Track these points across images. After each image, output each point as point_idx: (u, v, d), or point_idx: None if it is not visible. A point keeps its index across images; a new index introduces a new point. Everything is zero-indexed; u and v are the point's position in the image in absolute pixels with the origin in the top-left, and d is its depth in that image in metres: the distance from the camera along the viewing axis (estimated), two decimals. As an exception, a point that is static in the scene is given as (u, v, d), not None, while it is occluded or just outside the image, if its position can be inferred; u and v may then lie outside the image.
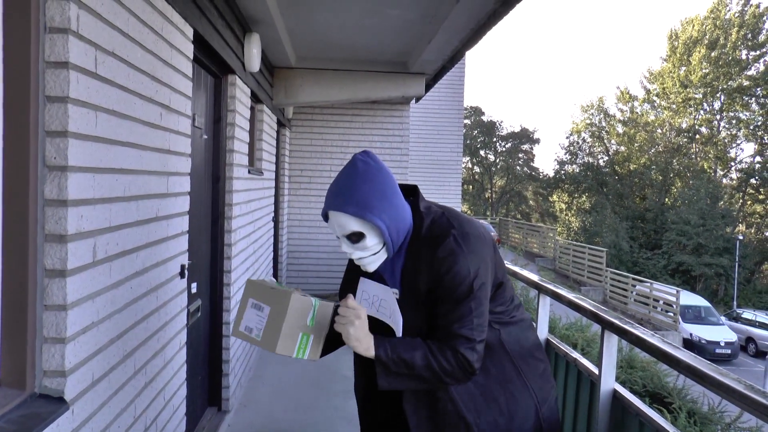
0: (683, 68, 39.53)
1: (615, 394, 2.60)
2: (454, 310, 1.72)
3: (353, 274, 1.97)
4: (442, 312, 1.74)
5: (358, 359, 1.98)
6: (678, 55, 39.75)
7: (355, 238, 1.73)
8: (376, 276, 1.88)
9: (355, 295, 1.87)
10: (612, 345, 2.61)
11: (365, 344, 1.70)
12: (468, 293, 1.71)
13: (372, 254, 1.76)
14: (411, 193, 1.89)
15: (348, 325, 1.69)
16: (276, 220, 8.08)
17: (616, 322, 2.56)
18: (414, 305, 1.79)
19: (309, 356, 1.74)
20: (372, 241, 1.74)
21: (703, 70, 37.98)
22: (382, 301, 1.83)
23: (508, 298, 1.93)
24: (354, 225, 1.71)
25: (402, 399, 1.89)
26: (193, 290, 3.63)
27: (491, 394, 1.84)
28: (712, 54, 37.85)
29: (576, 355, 3.14)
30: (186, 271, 3.10)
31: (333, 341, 1.86)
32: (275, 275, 8.17)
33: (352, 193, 1.70)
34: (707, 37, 38.07)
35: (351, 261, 2.00)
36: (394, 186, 1.78)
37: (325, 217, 1.78)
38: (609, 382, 2.62)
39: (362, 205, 1.69)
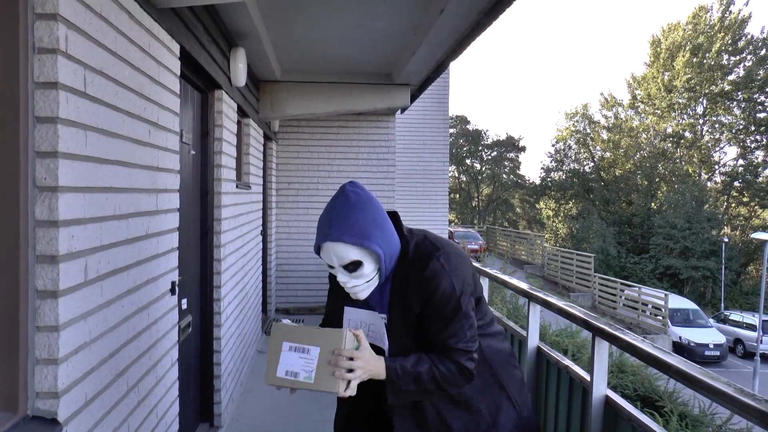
0: (667, 74, 39.89)
1: (607, 400, 2.62)
2: (447, 327, 1.80)
3: (337, 303, 2.01)
4: (436, 330, 1.82)
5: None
6: (662, 60, 40.13)
7: (353, 267, 1.76)
8: (360, 303, 1.91)
9: (341, 325, 1.91)
10: (603, 351, 2.64)
11: (375, 372, 1.75)
12: (457, 309, 1.80)
13: (366, 282, 1.79)
14: (392, 218, 1.93)
15: (357, 371, 1.70)
16: (264, 234, 8.07)
17: (606, 328, 2.58)
18: (404, 327, 1.86)
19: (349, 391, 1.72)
20: (369, 268, 1.77)
21: (687, 76, 38.34)
22: (370, 326, 1.89)
23: (484, 312, 2.01)
24: (353, 254, 1.74)
25: (387, 415, 1.96)
26: (184, 306, 3.61)
27: (474, 403, 1.93)
28: (694, 59, 38.25)
29: (567, 362, 3.16)
30: (176, 288, 3.09)
31: None
32: (264, 288, 8.15)
33: (350, 223, 1.72)
34: (690, 42, 38.49)
35: (332, 291, 2.06)
36: (384, 213, 1.83)
37: (318, 250, 1.80)
38: (601, 389, 2.64)
39: (361, 234, 1.72)
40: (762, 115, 37.79)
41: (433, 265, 1.79)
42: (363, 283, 1.79)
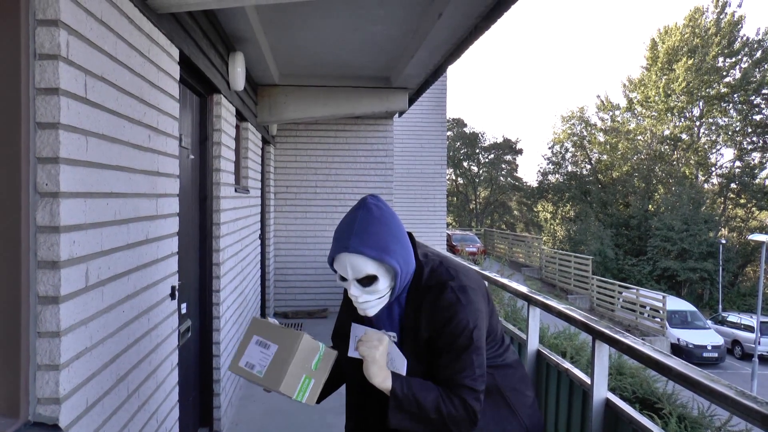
0: (664, 77, 39.90)
1: (608, 403, 2.62)
2: (456, 361, 1.74)
3: (345, 318, 1.99)
4: (445, 363, 1.76)
5: (354, 404, 2.00)
6: (659, 64, 40.15)
7: (367, 281, 1.71)
8: (367, 321, 1.89)
9: (348, 342, 1.87)
10: (603, 354, 2.64)
11: (384, 374, 1.72)
12: (468, 344, 1.74)
13: (378, 298, 1.75)
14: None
15: (374, 349, 1.70)
16: (263, 238, 8.07)
17: (607, 331, 2.58)
18: (414, 352, 1.82)
19: (306, 400, 1.73)
20: (383, 284, 1.73)
21: (686, 81, 38.32)
22: None
23: (499, 341, 1.98)
24: (370, 268, 1.69)
25: None
26: (183, 311, 3.61)
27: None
28: (690, 61, 38.27)
29: (567, 365, 3.16)
30: (176, 292, 3.09)
31: (328, 388, 1.91)
32: (262, 292, 8.15)
33: (371, 236, 1.68)
34: (687, 45, 38.52)
35: (343, 306, 2.03)
36: (404, 230, 1.80)
37: (332, 261, 1.75)
38: (601, 392, 2.64)
39: (381, 248, 1.68)
40: (758, 116, 37.89)
41: (448, 296, 1.75)
42: (375, 299, 1.75)
